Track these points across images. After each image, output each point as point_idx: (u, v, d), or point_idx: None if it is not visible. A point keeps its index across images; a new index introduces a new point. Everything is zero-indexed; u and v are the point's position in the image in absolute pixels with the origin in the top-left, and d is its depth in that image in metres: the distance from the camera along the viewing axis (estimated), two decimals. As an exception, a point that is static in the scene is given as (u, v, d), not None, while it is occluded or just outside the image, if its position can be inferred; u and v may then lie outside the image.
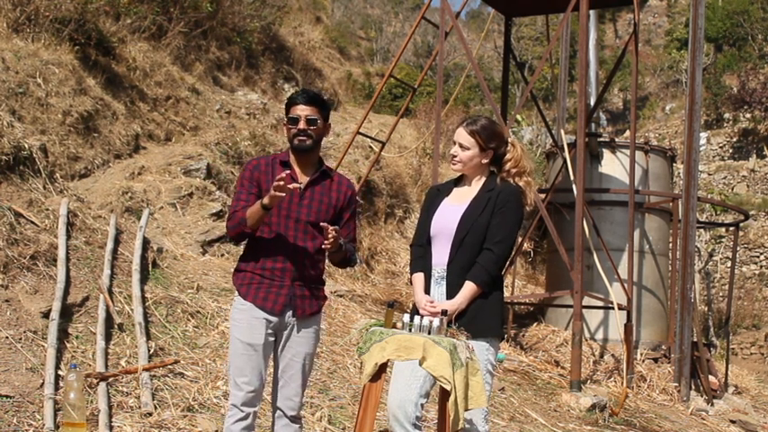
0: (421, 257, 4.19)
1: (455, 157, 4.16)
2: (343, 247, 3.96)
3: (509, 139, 4.26)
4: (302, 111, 3.98)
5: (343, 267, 4.27)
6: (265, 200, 3.82)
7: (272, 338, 3.99)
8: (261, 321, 3.93)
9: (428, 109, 18.43)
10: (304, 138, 3.98)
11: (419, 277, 4.16)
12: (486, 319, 4.02)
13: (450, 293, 4.03)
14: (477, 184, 4.18)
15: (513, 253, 12.09)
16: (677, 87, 33.65)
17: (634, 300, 10.97)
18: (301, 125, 3.97)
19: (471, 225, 4.04)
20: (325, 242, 3.82)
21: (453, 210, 4.13)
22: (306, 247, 3.98)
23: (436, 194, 4.27)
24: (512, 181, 4.20)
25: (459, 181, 4.28)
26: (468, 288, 3.99)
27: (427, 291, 4.12)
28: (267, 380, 4.07)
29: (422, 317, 3.82)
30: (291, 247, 3.95)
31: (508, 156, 4.21)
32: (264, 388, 4.04)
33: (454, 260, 4.06)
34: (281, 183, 3.71)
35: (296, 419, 4.05)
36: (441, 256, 4.11)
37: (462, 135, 4.15)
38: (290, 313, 3.98)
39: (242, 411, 3.90)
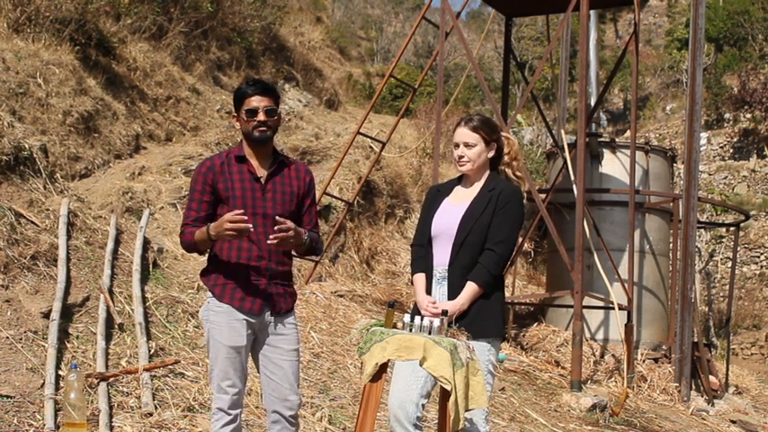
0: (422, 258, 4.18)
1: (462, 157, 4.13)
2: (306, 240, 3.90)
3: (503, 134, 4.28)
4: (259, 102, 3.87)
5: (309, 255, 4.19)
6: (212, 232, 3.74)
7: (253, 338, 3.93)
8: (242, 323, 3.86)
9: (428, 109, 18.43)
10: (264, 129, 3.88)
11: (420, 278, 4.15)
12: (488, 319, 4.02)
13: (452, 294, 4.03)
14: (477, 184, 4.17)
15: (514, 253, 12.08)
16: (678, 87, 33.65)
17: (634, 300, 10.96)
18: (261, 117, 3.87)
19: (473, 225, 4.04)
20: (271, 237, 3.74)
21: (454, 210, 4.12)
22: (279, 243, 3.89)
23: (436, 194, 4.26)
24: (510, 173, 4.22)
25: (460, 181, 4.28)
26: (470, 288, 3.98)
27: (428, 291, 4.12)
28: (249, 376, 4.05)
29: (422, 317, 3.81)
30: (263, 243, 3.86)
31: (506, 149, 4.24)
32: (246, 388, 4.00)
33: (455, 261, 4.05)
34: (236, 226, 3.64)
35: (294, 420, 3.99)
36: (442, 256, 4.10)
37: (466, 134, 4.13)
38: (267, 312, 3.92)
39: (229, 414, 3.85)
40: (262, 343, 3.94)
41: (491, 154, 4.17)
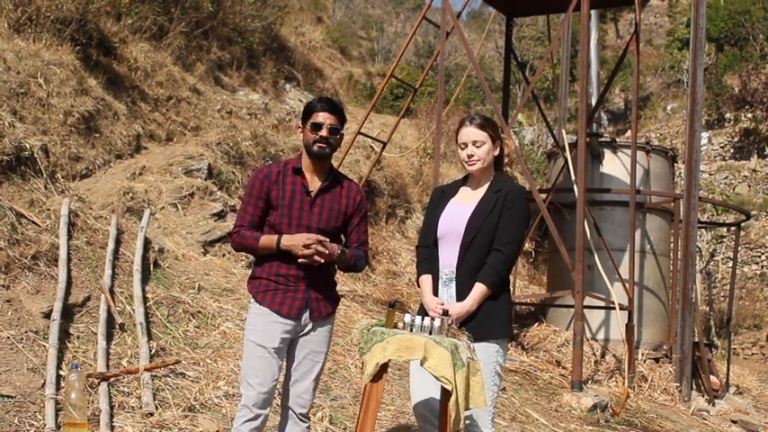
0: (428, 259, 4.17)
1: (472, 156, 4.12)
2: (342, 258, 4.01)
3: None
4: (326, 118, 4.00)
5: (348, 272, 4.29)
6: (285, 243, 3.90)
7: (290, 341, 4.03)
8: (277, 326, 3.96)
9: (429, 109, 18.43)
10: (324, 145, 4.00)
11: (427, 279, 4.14)
12: (495, 321, 4.01)
13: (461, 295, 4.02)
14: (484, 185, 4.17)
15: (515, 253, 12.08)
16: (678, 87, 33.63)
17: (635, 300, 10.96)
18: (324, 132, 3.99)
19: (480, 225, 4.03)
20: (299, 259, 3.91)
21: (460, 210, 4.12)
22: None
23: (441, 195, 4.25)
24: (507, 170, 4.25)
25: (464, 182, 4.27)
26: (479, 290, 3.98)
27: (435, 292, 4.11)
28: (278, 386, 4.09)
29: (423, 317, 3.82)
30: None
31: (506, 150, 4.28)
32: (274, 392, 4.05)
33: (464, 262, 4.04)
34: (309, 252, 3.84)
35: (304, 418, 4.07)
36: (449, 257, 4.09)
37: (473, 132, 4.13)
38: (306, 315, 4.02)
39: (252, 412, 3.91)
40: (296, 344, 4.05)
41: (497, 152, 4.18)
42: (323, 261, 3.91)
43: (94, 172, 10.64)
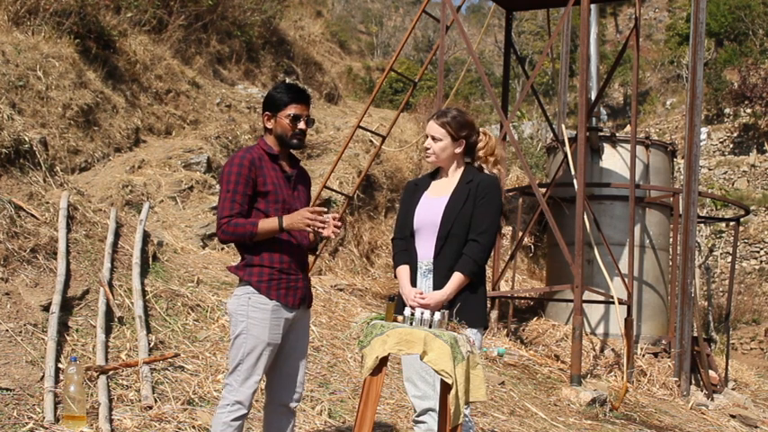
0: (404, 251, 4.26)
1: (428, 149, 4.24)
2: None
3: (480, 129, 4.36)
4: (302, 110, 3.99)
5: (313, 251, 4.32)
6: (287, 223, 3.82)
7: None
8: (282, 320, 3.92)
9: (429, 103, 18.40)
10: (302, 138, 4.02)
11: (405, 270, 4.22)
12: (473, 310, 4.10)
13: (439, 285, 4.11)
14: (454, 177, 4.26)
15: (514, 248, 12.11)
16: (678, 82, 33.59)
17: (634, 294, 10.96)
18: (302, 126, 3.99)
19: (455, 217, 4.12)
20: (336, 225, 3.85)
21: (435, 203, 4.20)
22: (304, 238, 4.04)
23: (414, 189, 4.35)
24: (486, 168, 4.30)
25: (436, 174, 4.35)
26: (457, 278, 4.06)
27: (413, 283, 4.20)
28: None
29: (413, 309, 3.86)
30: (296, 239, 3.98)
31: (480, 144, 4.31)
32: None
33: (441, 253, 4.13)
34: (315, 223, 3.78)
35: (295, 410, 4.08)
36: (426, 249, 4.18)
37: (433, 127, 4.23)
38: (303, 306, 4.03)
39: (244, 409, 3.88)
40: (286, 336, 4.00)
41: (458, 150, 4.26)
42: (325, 233, 3.86)
43: (93, 165, 10.64)
